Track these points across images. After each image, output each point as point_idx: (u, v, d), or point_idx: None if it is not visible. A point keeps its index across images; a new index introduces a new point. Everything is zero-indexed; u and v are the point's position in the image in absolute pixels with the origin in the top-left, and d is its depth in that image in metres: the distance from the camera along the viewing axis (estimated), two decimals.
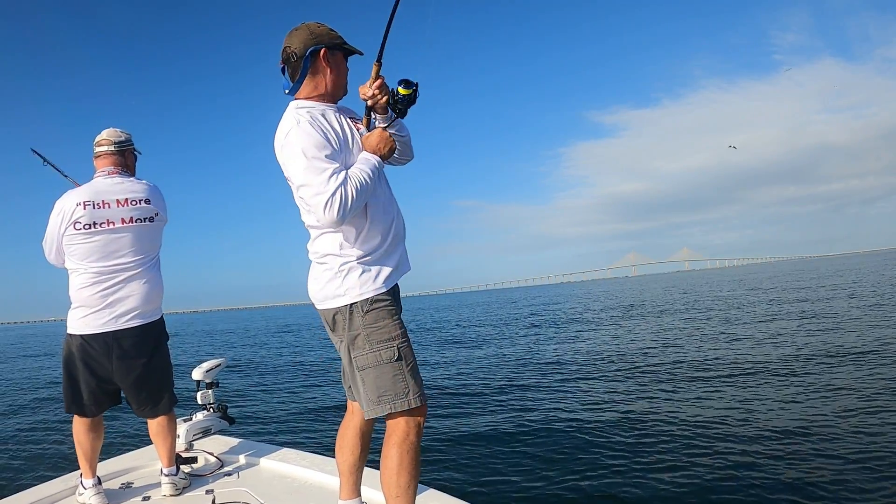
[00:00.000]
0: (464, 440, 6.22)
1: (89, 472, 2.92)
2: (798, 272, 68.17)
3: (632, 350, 12.69)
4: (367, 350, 2.03)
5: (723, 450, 5.23)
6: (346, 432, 2.35)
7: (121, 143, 2.93)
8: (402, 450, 2.01)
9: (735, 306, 23.06)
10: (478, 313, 37.98)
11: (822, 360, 9.22)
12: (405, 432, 2.02)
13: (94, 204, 2.76)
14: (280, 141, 2.02)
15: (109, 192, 2.82)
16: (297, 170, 1.93)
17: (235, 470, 3.28)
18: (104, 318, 2.79)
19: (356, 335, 2.04)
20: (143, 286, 2.87)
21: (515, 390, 8.99)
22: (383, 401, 2.00)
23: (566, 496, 4.50)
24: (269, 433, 7.32)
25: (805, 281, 40.03)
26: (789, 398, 6.97)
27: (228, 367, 14.75)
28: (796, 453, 4.99)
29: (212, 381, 3.78)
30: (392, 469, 2.00)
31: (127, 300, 2.82)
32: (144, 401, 2.91)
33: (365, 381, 2.04)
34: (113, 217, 2.79)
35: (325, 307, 2.10)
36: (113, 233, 2.79)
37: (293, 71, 2.11)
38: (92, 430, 2.92)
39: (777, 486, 4.34)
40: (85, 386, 2.84)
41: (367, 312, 2.03)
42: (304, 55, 2.07)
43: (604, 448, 5.59)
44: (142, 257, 2.88)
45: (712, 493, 4.31)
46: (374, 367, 2.02)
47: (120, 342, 2.80)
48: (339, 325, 2.08)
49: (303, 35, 2.09)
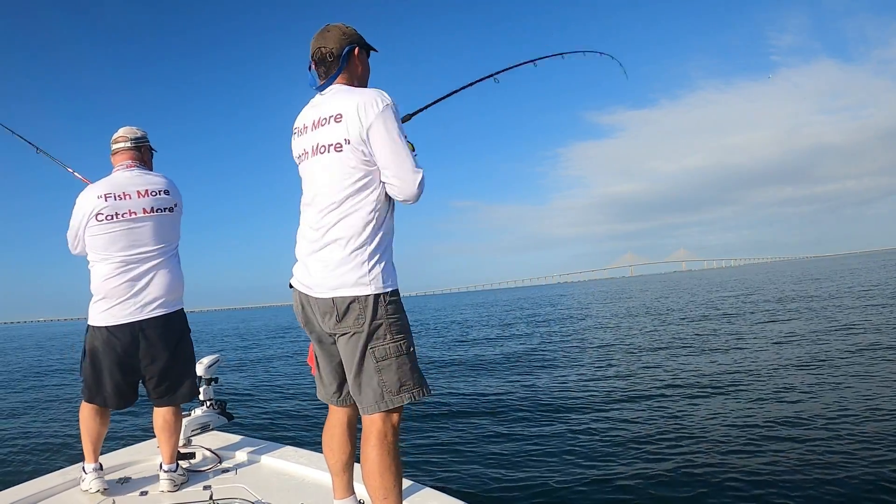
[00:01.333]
0: (460, 440, 6.23)
1: (91, 458, 2.96)
2: (795, 272, 68.19)
3: (629, 349, 12.73)
4: (388, 341, 2.02)
5: (722, 449, 5.26)
6: (335, 431, 2.33)
7: (137, 139, 3.04)
8: (381, 451, 2.00)
9: (734, 306, 23.10)
10: (474, 313, 37.94)
11: (812, 363, 9.26)
12: (383, 433, 2.02)
13: (114, 196, 2.85)
14: (374, 108, 2.01)
15: (129, 184, 2.91)
16: (401, 146, 2.03)
17: (233, 466, 3.29)
18: (130, 308, 2.84)
19: (378, 325, 2.01)
20: (166, 275, 2.94)
21: (511, 389, 9.01)
22: (404, 390, 2.02)
23: (563, 495, 4.53)
24: (268, 430, 7.32)
25: (805, 281, 40.05)
26: (777, 399, 7.00)
27: (228, 364, 14.88)
28: (788, 453, 5.02)
29: (211, 377, 3.79)
30: (375, 472, 1.98)
31: (151, 289, 2.88)
32: (165, 390, 2.96)
33: (384, 371, 2.01)
34: (134, 207, 2.87)
35: (342, 294, 2.01)
36: (134, 222, 2.87)
37: (328, 69, 2.18)
38: (99, 416, 2.96)
39: (767, 485, 4.38)
40: (109, 378, 2.88)
41: (388, 303, 2.03)
42: (342, 54, 2.17)
43: (601, 447, 5.62)
44: (163, 246, 2.95)
45: (711, 494, 4.34)
46: (396, 358, 2.02)
47: (146, 332, 2.86)
48: (353, 314, 2.01)
49: (336, 35, 2.19)
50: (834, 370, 8.40)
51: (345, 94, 2.09)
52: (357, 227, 2.02)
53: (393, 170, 2.02)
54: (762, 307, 21.13)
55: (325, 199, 2.07)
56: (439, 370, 11.85)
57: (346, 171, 2.03)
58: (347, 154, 2.02)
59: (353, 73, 2.22)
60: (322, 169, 2.09)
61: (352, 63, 2.20)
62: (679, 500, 4.26)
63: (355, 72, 2.22)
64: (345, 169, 2.03)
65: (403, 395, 2.01)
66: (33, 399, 11.41)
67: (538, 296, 76.19)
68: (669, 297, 35.93)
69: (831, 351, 10.01)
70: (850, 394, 6.89)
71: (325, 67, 2.18)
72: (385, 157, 2.02)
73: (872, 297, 20.98)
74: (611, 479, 4.75)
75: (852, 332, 12.04)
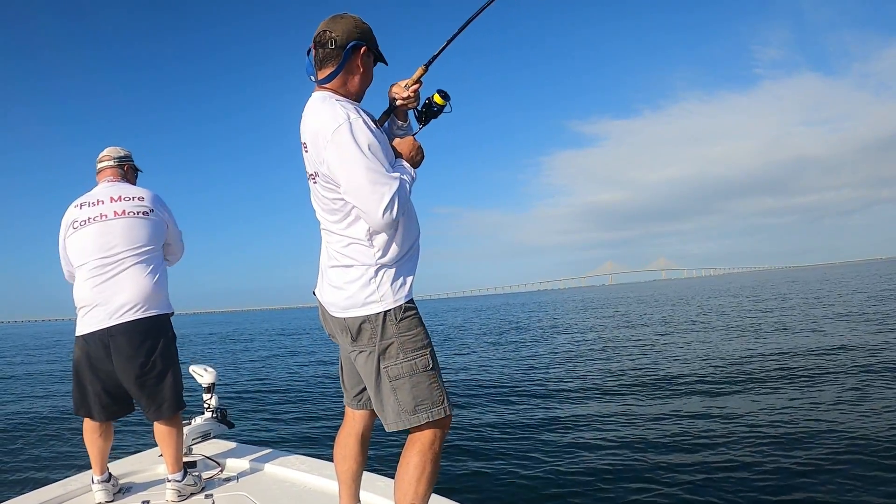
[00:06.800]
0: (456, 442, 6.20)
1: (97, 470, 2.94)
2: (775, 282, 69.22)
3: (615, 353, 12.78)
4: (401, 359, 1.94)
5: (722, 449, 5.31)
6: (348, 441, 2.27)
7: (120, 158, 3.11)
8: (425, 458, 1.95)
9: (715, 314, 23.42)
10: (457, 319, 37.96)
11: (800, 367, 9.39)
12: (431, 441, 1.97)
13: (88, 203, 2.91)
14: (326, 134, 1.84)
15: (104, 192, 2.96)
16: (354, 169, 1.80)
17: (235, 475, 3.25)
18: (100, 315, 2.76)
19: (389, 344, 1.94)
20: (140, 279, 2.82)
21: (504, 393, 9.02)
22: (420, 410, 1.93)
23: (560, 496, 4.56)
24: (269, 437, 7.24)
25: (789, 291, 40.63)
26: (770, 403, 7.09)
27: (228, 370, 14.72)
28: (781, 458, 5.07)
29: (210, 385, 3.74)
30: (412, 477, 1.93)
31: (120, 293, 2.77)
32: (147, 403, 2.84)
33: (398, 391, 1.94)
34: (105, 211, 2.88)
35: (353, 315, 1.96)
36: (106, 225, 2.85)
37: (325, 57, 1.97)
38: (98, 432, 2.91)
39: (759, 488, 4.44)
40: (91, 389, 2.83)
41: (400, 320, 1.94)
42: (345, 46, 1.95)
43: (596, 449, 5.64)
44: (136, 248, 2.85)
45: (709, 495, 4.38)
46: (410, 377, 1.94)
47: (115, 339, 2.74)
48: (366, 334, 1.95)
49: (348, 25, 1.97)
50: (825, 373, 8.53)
51: (310, 116, 1.95)
52: (357, 250, 1.95)
53: (353, 199, 1.84)
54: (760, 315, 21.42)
55: (323, 222, 2.03)
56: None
57: (326, 199, 1.96)
58: (322, 184, 1.94)
59: (350, 75, 2.00)
60: (313, 194, 2.04)
61: (353, 63, 1.98)
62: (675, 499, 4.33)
63: (353, 74, 2.00)
64: (325, 198, 1.96)
65: (420, 415, 1.93)
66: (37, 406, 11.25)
67: (518, 303, 76.40)
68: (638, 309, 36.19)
69: (810, 353, 10.20)
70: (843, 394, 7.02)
71: (323, 53, 1.97)
72: (343, 185, 1.84)
73: (850, 305, 21.40)
74: (609, 478, 4.78)
75: (827, 337, 12.26)
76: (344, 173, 1.83)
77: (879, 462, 4.74)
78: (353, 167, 1.81)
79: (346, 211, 1.94)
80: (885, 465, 4.68)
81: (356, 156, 1.81)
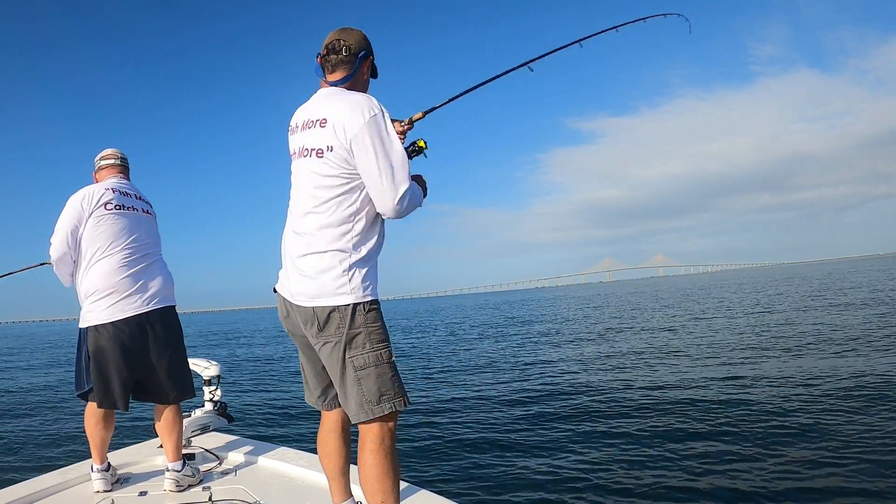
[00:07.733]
0: (454, 441, 6.24)
1: (98, 459, 2.97)
2: (772, 279, 69.34)
3: (611, 348, 12.83)
4: (367, 349, 1.99)
5: (721, 450, 5.34)
6: (328, 438, 2.30)
7: (124, 160, 3.24)
8: (379, 456, 1.99)
9: (717, 309, 23.48)
10: (454, 317, 37.98)
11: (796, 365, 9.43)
12: (380, 437, 2.00)
13: (119, 191, 3.03)
14: (363, 113, 1.95)
15: (127, 187, 3.12)
16: (390, 153, 1.95)
17: (233, 468, 3.26)
18: (136, 302, 2.89)
19: (356, 334, 1.98)
20: (164, 271, 3.09)
21: (500, 391, 9.05)
22: (384, 400, 1.98)
23: (557, 495, 4.55)
24: (268, 432, 7.28)
25: (786, 287, 40.70)
26: (765, 400, 7.12)
27: (228, 365, 14.72)
28: (776, 455, 5.11)
29: (211, 378, 3.76)
30: (374, 476, 1.97)
31: (154, 282, 2.98)
32: (173, 386, 2.99)
33: (363, 381, 1.99)
34: (135, 205, 3.07)
35: (322, 304, 1.99)
36: (138, 217, 3.04)
37: (338, 62, 2.13)
38: (103, 421, 2.97)
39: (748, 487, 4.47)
40: (117, 377, 2.85)
41: (368, 312, 2.00)
42: (357, 54, 2.14)
43: (592, 447, 5.66)
44: (156, 244, 3.12)
45: (707, 495, 4.40)
46: (376, 367, 1.99)
47: (153, 324, 2.92)
48: (334, 323, 1.99)
49: (359, 36, 2.16)
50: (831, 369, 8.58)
51: (335, 98, 2.05)
52: (335, 236, 1.99)
53: (372, 183, 1.96)
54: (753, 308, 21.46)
55: (305, 205, 2.05)
56: (426, 372, 11.85)
57: (325, 178, 2.00)
58: (328, 161, 1.98)
59: (359, 80, 2.18)
60: (305, 173, 2.06)
61: (361, 71, 2.17)
62: (671, 498, 4.33)
63: (359, 81, 2.17)
64: (325, 176, 2.00)
65: (384, 404, 1.98)
66: (34, 397, 11.26)
67: (515, 300, 76.43)
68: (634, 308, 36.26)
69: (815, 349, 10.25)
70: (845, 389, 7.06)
71: (336, 59, 2.12)
72: (365, 168, 1.95)
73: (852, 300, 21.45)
74: (604, 479, 4.78)
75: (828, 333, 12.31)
76: (373, 158, 1.94)
77: (880, 461, 4.75)
78: (389, 151, 1.95)
79: (343, 189, 2.00)
80: (885, 462, 4.69)
81: (394, 142, 1.97)
